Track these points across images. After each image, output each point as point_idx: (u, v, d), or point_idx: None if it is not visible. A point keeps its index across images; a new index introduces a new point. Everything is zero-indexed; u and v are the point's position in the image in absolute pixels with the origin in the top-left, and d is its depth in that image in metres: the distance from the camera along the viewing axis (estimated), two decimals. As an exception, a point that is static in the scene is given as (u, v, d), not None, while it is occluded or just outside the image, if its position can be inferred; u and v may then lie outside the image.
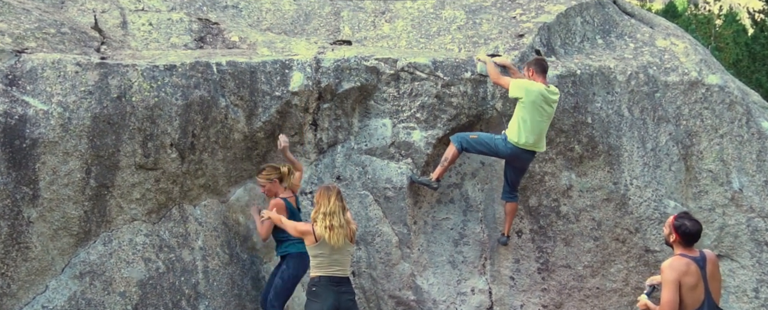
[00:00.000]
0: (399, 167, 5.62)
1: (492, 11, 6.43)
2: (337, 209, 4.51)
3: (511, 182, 5.54)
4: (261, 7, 6.24)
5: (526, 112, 5.25)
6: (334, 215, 4.47)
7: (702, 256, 3.95)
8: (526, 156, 5.40)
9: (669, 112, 6.19)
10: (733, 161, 6.19)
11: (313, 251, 4.54)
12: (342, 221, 4.51)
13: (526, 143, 5.29)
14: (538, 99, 5.24)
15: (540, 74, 5.36)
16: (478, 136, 5.39)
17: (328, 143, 5.62)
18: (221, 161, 5.22)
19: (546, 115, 5.34)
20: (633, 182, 5.93)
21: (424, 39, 6.17)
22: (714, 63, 6.75)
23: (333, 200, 4.51)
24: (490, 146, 5.38)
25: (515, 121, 5.31)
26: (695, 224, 3.95)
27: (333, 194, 4.54)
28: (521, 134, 5.28)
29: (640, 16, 7.05)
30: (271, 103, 5.35)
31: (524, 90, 5.26)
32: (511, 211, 5.60)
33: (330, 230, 4.46)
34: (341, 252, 4.56)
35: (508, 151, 5.33)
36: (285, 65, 5.44)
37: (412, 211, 5.67)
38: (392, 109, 5.65)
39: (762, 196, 6.17)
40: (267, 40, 5.78)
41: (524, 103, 5.24)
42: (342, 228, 4.51)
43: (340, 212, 4.52)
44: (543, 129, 5.36)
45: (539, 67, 5.36)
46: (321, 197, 4.57)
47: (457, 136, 5.45)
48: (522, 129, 5.27)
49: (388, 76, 5.60)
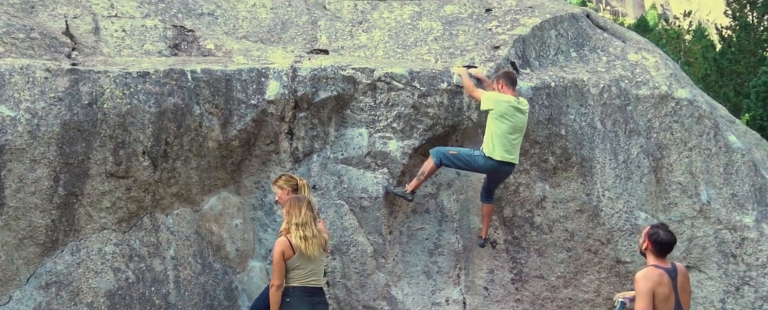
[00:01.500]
0: (375, 176, 5.58)
1: (468, 23, 6.45)
2: (309, 219, 4.44)
3: (488, 188, 5.56)
4: (237, 14, 6.19)
5: (498, 125, 5.27)
6: (306, 225, 4.40)
7: (674, 267, 3.99)
8: (506, 169, 5.39)
9: (640, 125, 6.26)
10: (702, 173, 6.28)
11: (292, 263, 4.45)
12: (315, 231, 4.45)
13: (503, 157, 5.29)
14: (509, 111, 5.26)
15: (509, 86, 5.39)
16: (458, 152, 5.39)
17: (303, 152, 5.58)
18: (195, 169, 5.14)
19: (518, 128, 5.36)
20: (605, 194, 5.99)
21: (401, 49, 6.17)
22: (683, 77, 6.85)
23: (304, 211, 4.44)
24: (470, 163, 5.37)
25: (489, 136, 5.32)
26: (669, 235, 3.99)
27: (303, 205, 4.47)
28: (496, 148, 5.29)
29: (612, 30, 7.15)
30: (247, 112, 5.29)
31: (494, 102, 5.28)
32: (488, 213, 5.60)
33: (305, 241, 4.39)
34: (316, 262, 4.49)
35: (487, 166, 5.33)
36: (261, 74, 5.39)
37: (388, 221, 5.63)
38: (369, 119, 5.62)
39: (729, 208, 6.26)
40: (243, 48, 5.73)
41: (496, 114, 5.26)
42: (315, 238, 4.45)
43: (312, 222, 4.45)
44: (516, 140, 5.39)
45: (508, 80, 5.40)
46: (291, 208, 4.49)
47: (437, 151, 5.42)
48: (496, 143, 5.28)
49: (365, 85, 5.58)
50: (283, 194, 4.87)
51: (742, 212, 6.28)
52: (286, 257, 4.42)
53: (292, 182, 4.91)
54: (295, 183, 4.91)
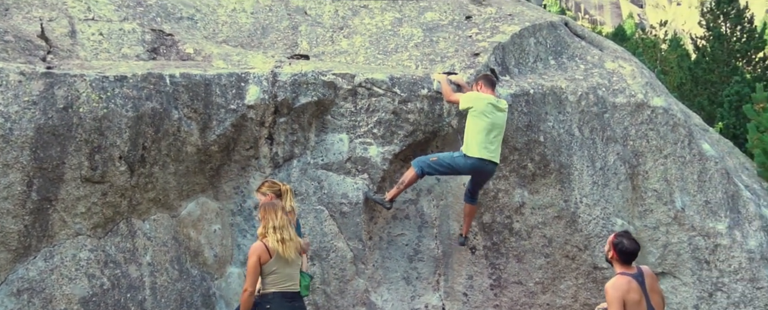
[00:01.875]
0: (355, 182, 5.56)
1: (449, 30, 6.47)
2: (286, 222, 4.40)
3: (472, 189, 5.54)
4: (217, 19, 6.13)
5: (478, 121, 5.25)
6: (283, 228, 4.37)
7: (639, 272, 4.05)
8: (488, 167, 5.36)
9: (617, 132, 6.32)
10: (676, 181, 6.33)
11: (268, 268, 4.40)
12: (291, 234, 4.41)
13: (482, 153, 5.26)
14: (488, 108, 5.26)
15: (488, 87, 5.42)
16: (437, 158, 5.36)
17: (283, 158, 5.53)
18: (173, 174, 5.07)
19: (497, 125, 5.35)
20: (582, 200, 6.02)
21: (382, 55, 6.16)
22: (659, 86, 6.91)
23: (280, 215, 4.40)
24: (451, 166, 5.34)
25: (467, 135, 5.31)
26: (633, 243, 4.05)
27: (279, 209, 4.43)
28: (474, 146, 5.27)
29: (590, 38, 7.21)
30: (226, 117, 5.24)
31: (473, 100, 5.29)
32: (469, 213, 5.59)
33: (282, 244, 4.35)
34: (293, 266, 4.45)
35: (469, 166, 5.30)
36: (241, 78, 5.34)
37: (368, 226, 5.61)
38: (349, 125, 5.60)
39: (702, 215, 6.33)
40: (223, 53, 5.68)
41: (475, 112, 5.25)
42: (292, 241, 4.41)
43: (288, 225, 4.42)
44: (497, 137, 5.37)
45: (487, 81, 5.43)
46: (267, 213, 4.43)
47: (418, 162, 5.40)
48: (474, 141, 5.26)
49: (346, 91, 5.56)
50: (266, 200, 4.80)
51: (715, 219, 6.36)
52: (263, 261, 4.37)
53: (275, 188, 4.86)
54: (278, 189, 4.86)
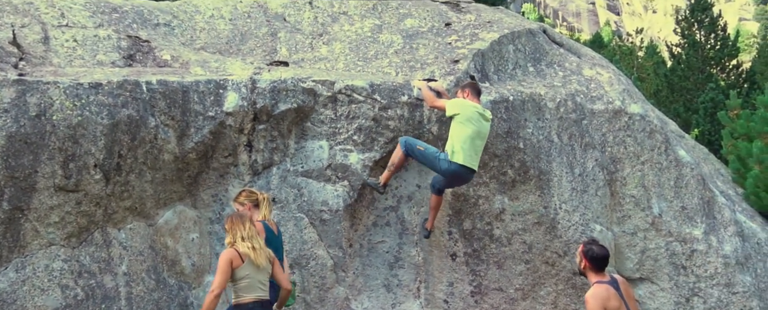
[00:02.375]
0: (335, 189, 5.53)
1: (428, 37, 6.47)
2: (254, 233, 4.36)
3: (441, 185, 5.49)
4: (195, 25, 6.09)
5: (463, 128, 5.23)
6: (252, 238, 4.32)
7: (613, 279, 4.08)
8: (467, 175, 5.35)
9: (595, 138, 6.35)
10: (654, 187, 6.37)
11: (240, 273, 4.31)
12: (260, 244, 4.36)
13: (465, 161, 5.23)
14: (475, 115, 5.25)
15: (475, 97, 5.42)
16: (424, 149, 5.32)
17: (263, 165, 5.49)
18: (149, 182, 5.00)
19: (482, 134, 5.35)
20: (562, 206, 6.03)
21: (362, 62, 6.15)
22: (636, 93, 6.98)
23: (248, 226, 4.35)
24: (433, 164, 5.32)
25: (453, 139, 5.28)
26: (602, 249, 4.06)
27: (246, 221, 4.38)
28: (460, 153, 5.23)
29: (568, 45, 7.25)
30: (204, 124, 5.20)
31: (460, 106, 5.27)
32: (436, 204, 5.55)
33: (253, 251, 4.29)
34: (264, 273, 4.38)
35: (451, 172, 5.26)
36: (219, 85, 5.30)
37: (348, 234, 5.58)
38: (329, 132, 5.57)
39: (679, 221, 6.38)
40: (201, 60, 5.64)
41: (462, 118, 5.23)
42: (263, 250, 4.36)
43: (256, 236, 4.37)
44: (479, 147, 5.35)
45: (474, 90, 5.43)
46: (235, 224, 4.37)
47: (405, 141, 5.37)
48: (460, 147, 5.22)
49: (326, 98, 5.54)
50: (244, 210, 4.75)
51: (692, 225, 6.41)
52: (235, 265, 4.28)
53: (253, 198, 4.80)
54: (256, 198, 4.80)
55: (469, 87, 5.45)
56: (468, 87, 5.45)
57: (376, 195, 5.69)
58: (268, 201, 4.82)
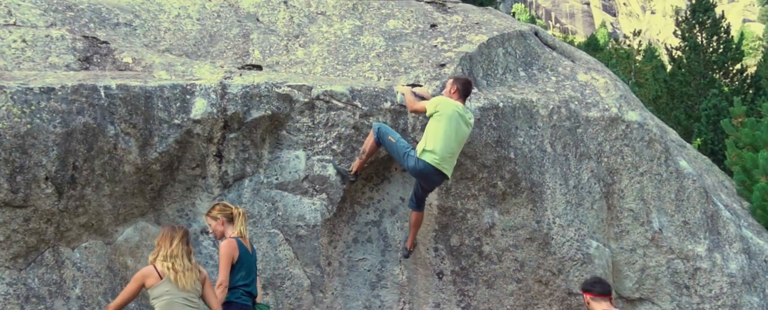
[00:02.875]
0: (313, 202, 5.49)
1: (413, 39, 6.47)
2: (180, 252, 4.17)
3: (418, 196, 5.50)
4: (159, 25, 6.04)
5: (438, 126, 5.21)
6: (175, 258, 4.13)
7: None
8: (435, 178, 5.32)
9: (591, 148, 6.37)
10: (653, 200, 6.40)
11: (156, 291, 4.11)
12: (186, 264, 4.17)
13: (434, 160, 5.21)
14: (454, 115, 5.23)
15: (461, 96, 5.39)
16: (396, 141, 5.33)
17: (234, 177, 5.44)
18: (108, 196, 4.91)
19: (459, 136, 5.32)
20: (556, 221, 6.03)
21: (341, 66, 6.14)
22: (633, 99, 7.02)
23: (176, 243, 4.18)
24: (401, 159, 5.34)
25: (426, 137, 5.26)
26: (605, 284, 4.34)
27: (176, 238, 4.20)
28: (429, 152, 5.21)
29: (561, 49, 7.29)
30: (170, 132, 5.14)
31: (441, 104, 5.26)
32: (415, 222, 5.56)
33: (175, 273, 4.11)
34: (193, 294, 4.18)
35: (417, 169, 5.24)
36: (186, 90, 5.25)
37: (327, 251, 5.54)
38: (306, 141, 5.54)
39: (681, 237, 6.39)
40: (165, 63, 5.58)
41: (438, 116, 5.22)
42: (190, 271, 4.17)
43: (184, 256, 4.18)
44: (454, 149, 5.31)
45: (463, 88, 5.39)
46: (163, 239, 4.22)
47: (379, 128, 5.38)
48: (431, 145, 5.21)
49: (302, 104, 5.51)
50: (217, 225, 4.66)
51: (695, 241, 6.42)
52: (148, 284, 4.11)
53: (227, 212, 4.71)
54: (230, 212, 4.71)
55: (458, 83, 5.41)
56: (458, 83, 5.41)
57: (357, 209, 5.66)
58: (243, 216, 4.74)
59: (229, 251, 4.47)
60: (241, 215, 4.71)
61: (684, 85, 16.61)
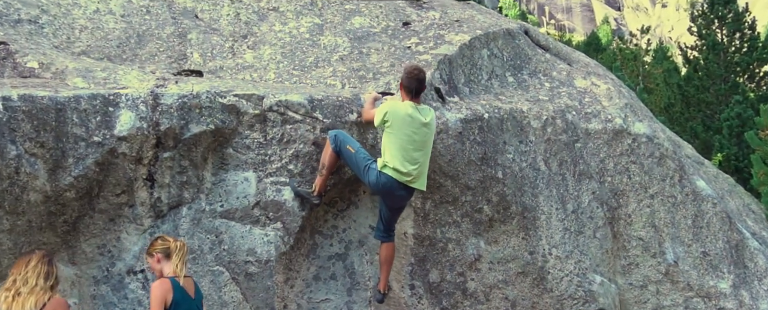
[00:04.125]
0: (265, 233, 5.45)
1: (382, 39, 6.52)
2: (35, 274, 4.10)
3: (386, 220, 5.52)
4: (73, 23, 6.00)
5: (394, 137, 5.27)
6: (25, 281, 4.08)
7: None
8: (401, 193, 5.35)
9: (591, 166, 6.43)
10: (666, 227, 6.46)
11: None
12: (41, 283, 4.09)
13: (397, 174, 5.26)
14: (406, 118, 5.26)
15: (409, 93, 5.39)
16: (356, 151, 5.37)
17: (169, 204, 5.38)
18: (7, 232, 4.81)
19: (416, 140, 5.32)
20: (552, 252, 6.04)
21: (298, 71, 6.15)
22: (641, 108, 7.09)
23: (31, 265, 4.12)
24: (361, 172, 5.38)
25: (384, 151, 5.34)
26: None
27: (34, 259, 4.15)
28: (389, 164, 5.26)
29: (556, 50, 7.40)
30: (88, 152, 5.06)
31: (390, 111, 5.29)
32: (389, 256, 5.56)
33: (11, 299, 4.05)
34: None
35: (380, 185, 5.29)
36: (108, 101, 5.19)
37: (282, 291, 5.47)
38: (257, 160, 5.52)
39: (700, 271, 6.43)
40: (82, 68, 5.50)
41: (390, 125, 5.28)
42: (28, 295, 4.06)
43: (39, 277, 4.10)
44: (417, 158, 5.34)
45: (409, 83, 5.34)
46: (16, 267, 4.17)
47: (335, 135, 5.42)
48: (390, 157, 5.27)
49: (252, 117, 5.48)
50: (153, 262, 4.67)
51: (717, 276, 6.44)
52: None
53: (164, 246, 4.67)
54: (167, 247, 4.67)
55: (403, 79, 5.42)
56: (402, 80, 5.43)
57: (319, 240, 5.63)
58: (182, 250, 4.68)
59: (161, 292, 4.41)
60: (179, 249, 4.64)
61: (701, 91, 16.75)
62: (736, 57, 17.55)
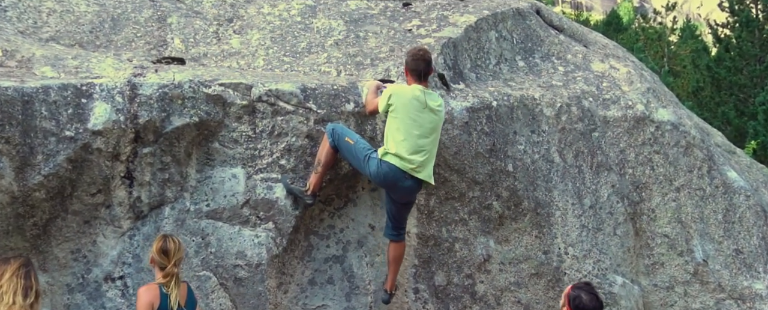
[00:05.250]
0: (256, 234, 5.42)
1: (380, 21, 6.51)
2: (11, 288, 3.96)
3: (394, 217, 5.51)
4: (40, 6, 6.02)
5: (397, 120, 5.27)
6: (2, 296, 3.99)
7: None
8: (407, 184, 5.30)
9: (610, 157, 6.40)
10: (694, 222, 6.43)
11: None
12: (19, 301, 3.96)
13: (401, 163, 5.24)
14: (413, 102, 5.24)
15: (416, 77, 5.37)
16: (355, 142, 5.38)
17: (150, 204, 5.36)
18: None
19: (425, 126, 5.31)
20: (568, 251, 6.03)
21: (290, 57, 6.14)
22: (665, 93, 7.03)
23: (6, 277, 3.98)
24: (361, 164, 5.36)
25: (386, 137, 5.34)
26: (593, 299, 4.21)
27: (9, 270, 4.01)
28: (392, 152, 5.26)
29: (570, 30, 7.37)
30: (59, 148, 5.03)
31: (395, 95, 5.30)
32: (397, 255, 5.55)
33: None
34: None
35: (382, 173, 5.25)
36: (81, 92, 5.15)
37: (275, 297, 5.43)
38: (246, 155, 5.49)
39: (733, 270, 6.39)
40: (51, 56, 5.48)
41: (395, 109, 5.28)
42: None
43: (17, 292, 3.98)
44: (424, 145, 5.32)
45: (415, 65, 5.33)
46: None
47: (333, 129, 5.43)
48: (393, 144, 5.26)
49: (240, 108, 5.45)
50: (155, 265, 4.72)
51: (751, 276, 6.43)
52: None
53: (158, 245, 4.68)
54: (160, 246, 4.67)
55: (407, 62, 5.41)
56: (408, 63, 5.42)
57: (314, 241, 5.60)
58: (176, 251, 4.66)
59: (148, 299, 4.46)
60: (174, 250, 4.63)
61: (734, 73, 16.63)
62: (772, 35, 17.37)
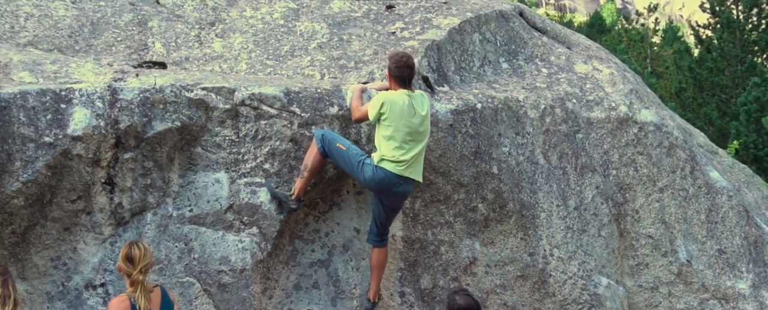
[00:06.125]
0: (240, 240, 5.40)
1: (364, 24, 6.51)
2: None
3: (381, 222, 5.51)
4: (17, 10, 5.98)
5: (392, 130, 5.28)
6: None
7: None
8: (402, 187, 5.34)
9: (595, 158, 6.42)
10: (678, 223, 6.45)
11: None
12: None
13: (397, 167, 5.27)
14: (404, 108, 5.27)
15: (399, 82, 5.38)
16: (347, 148, 5.37)
17: (131, 210, 5.33)
18: (-53, 244, 4.82)
19: (414, 131, 5.34)
20: (554, 253, 6.03)
21: (273, 61, 6.13)
22: (648, 94, 7.07)
23: None
24: (354, 170, 5.36)
25: (379, 144, 5.35)
26: (468, 299, 4.38)
27: None
28: (389, 157, 5.27)
29: (554, 32, 7.40)
30: (38, 155, 5.01)
31: (385, 104, 5.29)
32: (380, 261, 5.55)
33: None
34: None
35: (376, 181, 5.26)
36: (60, 98, 5.13)
37: (260, 303, 5.40)
38: (229, 159, 5.48)
39: (716, 270, 6.41)
40: (28, 61, 5.46)
41: (388, 118, 5.28)
42: None
43: None
44: (414, 147, 5.36)
45: (399, 71, 5.33)
46: None
47: (322, 135, 5.43)
48: (387, 150, 5.28)
49: (223, 112, 5.44)
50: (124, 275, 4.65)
51: (734, 275, 6.45)
52: None
53: (124, 252, 4.57)
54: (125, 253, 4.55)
55: (392, 70, 5.39)
56: (391, 70, 5.40)
57: (299, 245, 5.58)
58: (142, 257, 4.53)
59: None
60: (140, 256, 4.49)
61: (716, 74, 16.74)
62: (754, 35, 17.53)
